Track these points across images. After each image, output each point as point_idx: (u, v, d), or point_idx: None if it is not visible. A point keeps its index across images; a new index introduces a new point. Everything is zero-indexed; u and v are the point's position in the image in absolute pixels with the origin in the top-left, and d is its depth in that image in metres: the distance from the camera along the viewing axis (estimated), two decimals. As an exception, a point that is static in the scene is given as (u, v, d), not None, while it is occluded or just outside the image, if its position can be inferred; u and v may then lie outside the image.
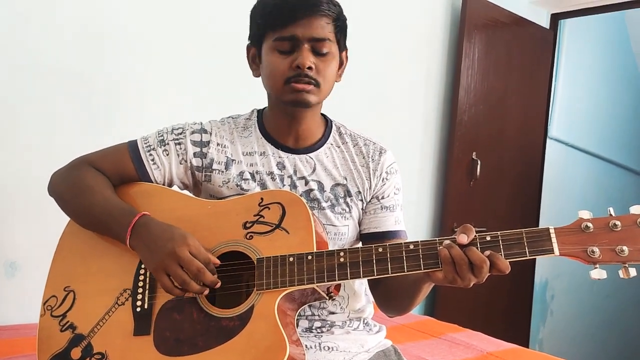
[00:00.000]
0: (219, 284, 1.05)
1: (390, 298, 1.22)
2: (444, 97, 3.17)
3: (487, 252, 0.96)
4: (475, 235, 0.98)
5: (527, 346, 3.48)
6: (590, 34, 4.21)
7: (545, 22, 3.68)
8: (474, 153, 3.17)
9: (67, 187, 1.20)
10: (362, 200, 1.25)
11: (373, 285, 1.25)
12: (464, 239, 0.97)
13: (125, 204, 1.15)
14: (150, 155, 1.21)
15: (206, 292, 1.05)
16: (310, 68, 1.13)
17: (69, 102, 1.95)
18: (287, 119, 1.22)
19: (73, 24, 1.94)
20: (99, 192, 1.16)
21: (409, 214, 2.98)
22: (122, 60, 2.05)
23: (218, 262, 1.07)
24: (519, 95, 3.43)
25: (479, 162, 3.16)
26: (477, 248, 0.96)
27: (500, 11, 3.24)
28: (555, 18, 3.72)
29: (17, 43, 1.84)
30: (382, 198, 1.25)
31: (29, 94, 1.87)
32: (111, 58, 2.03)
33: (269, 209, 1.09)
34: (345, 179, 1.24)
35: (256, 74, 1.25)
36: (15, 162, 1.86)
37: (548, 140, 3.75)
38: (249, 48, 1.25)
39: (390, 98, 2.91)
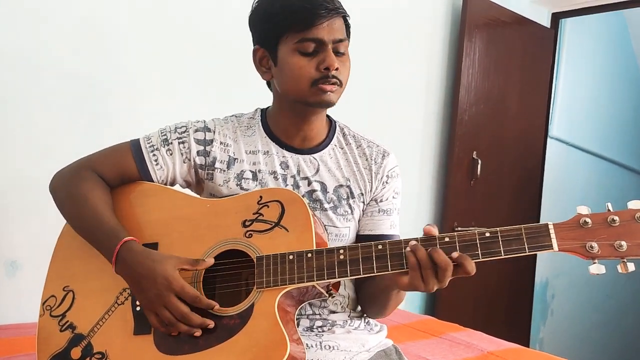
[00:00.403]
0: (211, 325, 1.03)
1: (368, 300, 1.23)
2: (444, 96, 3.17)
3: (456, 254, 0.96)
4: (475, 232, 0.98)
5: (527, 345, 3.48)
6: (591, 33, 4.21)
7: (546, 21, 3.68)
8: (475, 152, 3.17)
9: (64, 191, 1.20)
10: (363, 202, 1.25)
11: (357, 287, 1.26)
12: (432, 230, 0.99)
13: (113, 224, 1.12)
14: (154, 155, 1.21)
15: (198, 333, 1.03)
16: (337, 69, 1.13)
17: (70, 102, 1.95)
18: (298, 120, 1.21)
19: (74, 24, 1.94)
20: (92, 205, 1.15)
21: (410, 214, 2.99)
22: (122, 60, 2.05)
23: (211, 262, 1.07)
24: (520, 95, 3.43)
25: (479, 161, 3.16)
26: (478, 245, 0.96)
27: (501, 10, 3.24)
28: (556, 17, 3.72)
29: (18, 43, 1.84)
30: (381, 201, 1.25)
31: (29, 94, 1.88)
32: (112, 58, 2.03)
33: (268, 207, 1.09)
34: (349, 180, 1.24)
35: (266, 77, 1.22)
36: (15, 161, 1.86)
37: (549, 140, 3.75)
38: (256, 51, 1.21)
39: (390, 97, 2.91)
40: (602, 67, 4.44)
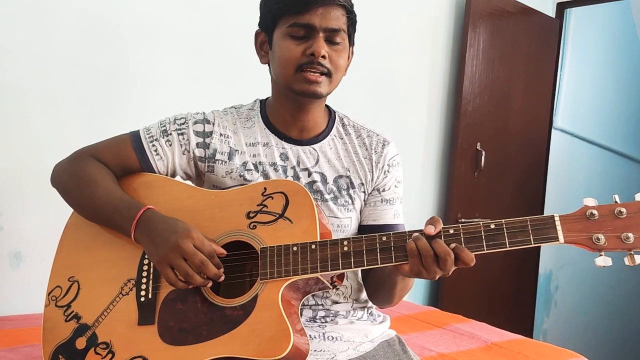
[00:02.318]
0: (222, 278, 1.05)
1: (376, 289, 1.23)
2: (448, 87, 3.15)
3: (453, 245, 0.97)
4: (480, 224, 0.97)
5: (531, 337, 3.48)
6: (596, 23, 4.18)
7: (551, 11, 3.65)
8: (479, 144, 3.16)
9: (70, 179, 1.20)
10: (364, 192, 1.24)
11: (363, 276, 1.26)
12: (431, 229, 0.98)
13: (129, 197, 1.15)
14: (153, 146, 1.21)
15: (209, 284, 1.05)
16: (323, 57, 1.13)
17: (76, 93, 1.95)
18: (293, 110, 1.21)
19: (81, 15, 1.94)
20: (102, 184, 1.16)
21: (413, 205, 2.99)
22: (130, 50, 2.05)
23: (224, 252, 1.07)
24: (524, 86, 3.41)
25: (483, 152, 3.15)
26: (482, 237, 0.96)
27: (506, 0, 3.21)
28: (561, 7, 3.69)
29: (25, 34, 1.84)
30: (383, 191, 1.25)
31: (36, 84, 1.87)
32: (119, 49, 2.02)
33: (273, 198, 1.09)
34: (348, 171, 1.23)
35: (263, 61, 1.23)
36: (22, 152, 1.86)
37: (553, 131, 3.73)
38: (258, 34, 1.23)
39: (394, 88, 2.90)
40: (607, 57, 4.41)
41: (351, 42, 1.21)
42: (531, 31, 3.40)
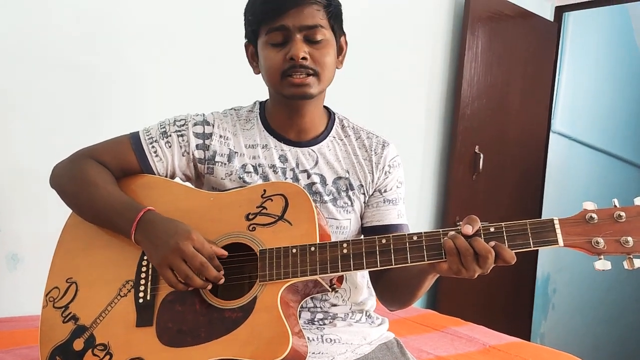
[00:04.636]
0: (222, 280, 1.05)
1: (393, 291, 1.22)
2: (446, 91, 3.15)
3: (492, 243, 0.95)
4: (480, 227, 0.97)
5: (528, 340, 3.48)
6: (594, 27, 4.19)
7: (549, 15, 3.66)
8: (477, 147, 3.16)
9: (69, 180, 1.20)
10: (364, 193, 1.24)
11: (375, 278, 1.25)
12: (468, 229, 0.96)
13: (129, 199, 1.15)
14: (153, 147, 1.21)
15: (209, 287, 1.05)
16: (304, 58, 1.12)
17: (71, 95, 1.95)
18: (289, 113, 1.21)
19: (75, 16, 1.94)
20: (102, 186, 1.16)
21: (411, 208, 2.99)
22: (124, 52, 2.04)
23: (225, 253, 1.07)
24: (523, 89, 3.42)
25: (481, 155, 3.15)
26: (482, 239, 0.96)
27: (504, 4, 3.22)
28: (560, 10, 3.70)
29: (18, 35, 1.83)
30: (385, 191, 1.25)
31: (30, 86, 1.87)
32: (113, 50, 2.02)
33: (272, 200, 1.09)
34: (348, 172, 1.23)
35: (256, 72, 1.24)
36: (18, 154, 1.86)
37: (551, 134, 3.74)
38: (247, 46, 1.24)
39: (392, 91, 2.90)
40: (605, 61, 4.42)
41: (338, 34, 1.20)
42: (529, 35, 3.41)
